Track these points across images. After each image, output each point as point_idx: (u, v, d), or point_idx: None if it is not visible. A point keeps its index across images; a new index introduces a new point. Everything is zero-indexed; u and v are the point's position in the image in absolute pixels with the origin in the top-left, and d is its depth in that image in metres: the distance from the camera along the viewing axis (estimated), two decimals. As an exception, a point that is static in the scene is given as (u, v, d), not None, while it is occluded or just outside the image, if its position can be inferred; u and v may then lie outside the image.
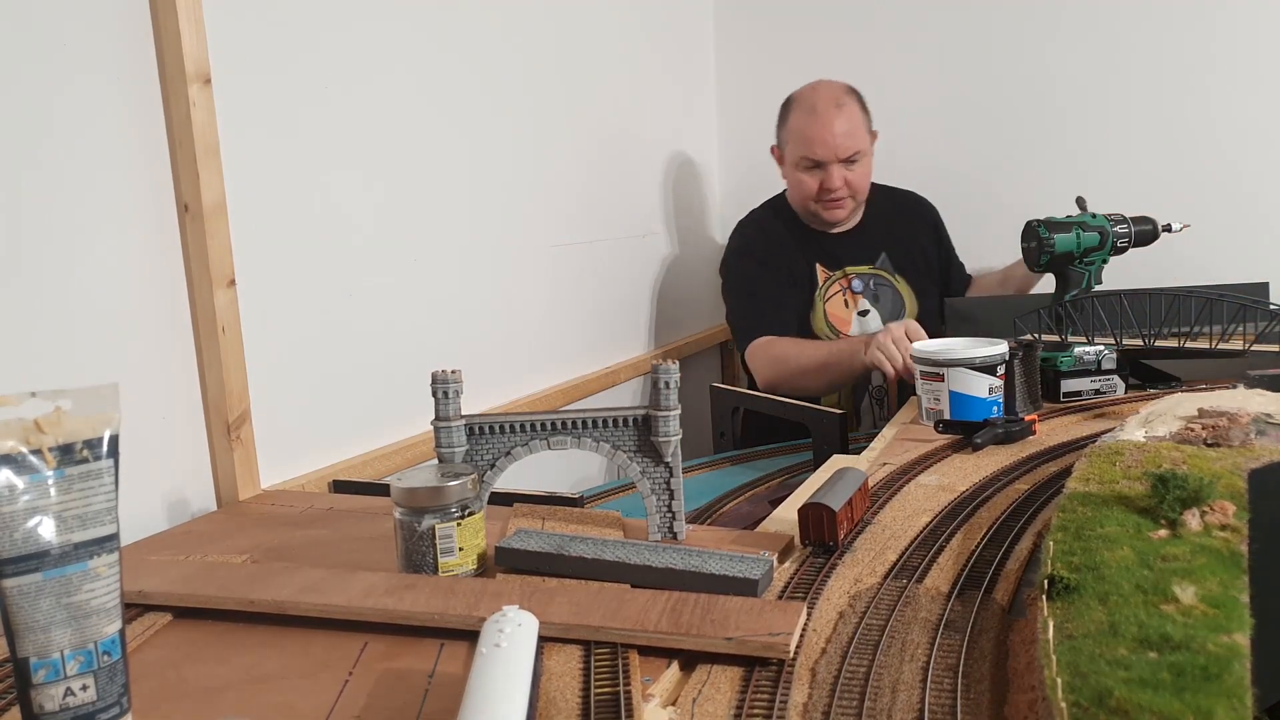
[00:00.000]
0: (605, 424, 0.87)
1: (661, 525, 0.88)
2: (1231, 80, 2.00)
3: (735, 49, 2.40)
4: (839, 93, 1.84)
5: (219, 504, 1.10)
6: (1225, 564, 0.65)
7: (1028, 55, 2.15)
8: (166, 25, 1.01)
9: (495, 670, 0.53)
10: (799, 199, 1.90)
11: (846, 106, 1.82)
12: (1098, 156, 2.11)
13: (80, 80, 0.95)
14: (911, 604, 0.71)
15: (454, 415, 0.86)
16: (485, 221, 1.56)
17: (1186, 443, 0.95)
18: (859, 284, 1.89)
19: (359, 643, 0.69)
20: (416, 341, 1.39)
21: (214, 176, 1.05)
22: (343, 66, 1.25)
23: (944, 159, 2.24)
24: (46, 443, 0.52)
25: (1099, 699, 0.48)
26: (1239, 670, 0.50)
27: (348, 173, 1.27)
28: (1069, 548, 0.69)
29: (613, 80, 1.95)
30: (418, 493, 0.78)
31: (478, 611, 0.69)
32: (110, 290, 0.99)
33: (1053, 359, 1.41)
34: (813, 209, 1.87)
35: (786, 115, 1.88)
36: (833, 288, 1.89)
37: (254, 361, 1.11)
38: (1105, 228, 1.44)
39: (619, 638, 0.66)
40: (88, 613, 0.53)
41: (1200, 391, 1.23)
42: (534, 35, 1.67)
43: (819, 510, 0.82)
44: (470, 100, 1.50)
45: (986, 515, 0.90)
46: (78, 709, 0.52)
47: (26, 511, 0.51)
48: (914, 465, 1.09)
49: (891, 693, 0.58)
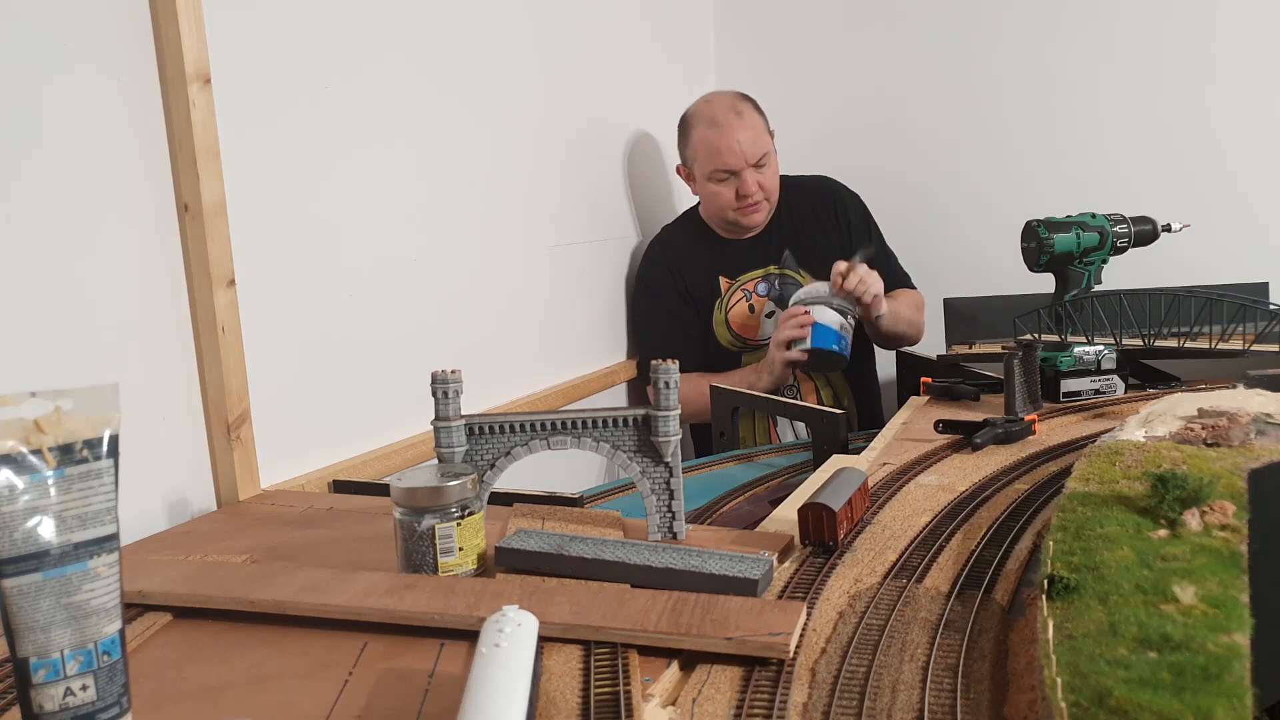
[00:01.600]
0: (605, 424, 0.87)
1: (661, 525, 0.88)
2: (1231, 80, 2.01)
3: (735, 49, 2.40)
4: (734, 100, 1.85)
5: (219, 504, 1.10)
6: (1225, 564, 0.65)
7: (1027, 54, 2.15)
8: (166, 25, 1.01)
9: (495, 670, 0.53)
10: (715, 211, 1.89)
11: (745, 113, 1.84)
12: (1097, 156, 2.11)
13: (80, 80, 0.95)
14: (911, 604, 0.71)
15: (454, 415, 0.86)
16: (485, 221, 1.56)
17: (1186, 443, 0.95)
18: (764, 287, 1.90)
19: (359, 643, 0.69)
20: (416, 341, 1.38)
21: (214, 176, 1.05)
22: (343, 66, 1.25)
23: (943, 159, 2.24)
24: (46, 443, 0.52)
25: (1099, 699, 0.48)
26: (1239, 670, 0.50)
27: (348, 173, 1.27)
28: (1069, 547, 0.69)
29: (613, 80, 1.96)
30: (418, 493, 0.78)
31: (478, 611, 0.69)
32: (110, 290, 0.99)
33: (1052, 359, 1.41)
34: (732, 218, 1.87)
35: (688, 133, 1.87)
36: (734, 296, 1.90)
37: (254, 361, 1.11)
38: (1105, 228, 1.44)
39: (619, 638, 0.66)
40: (87, 613, 0.53)
41: (1200, 391, 1.23)
42: (534, 35, 1.67)
43: (819, 510, 0.82)
44: (470, 100, 1.50)
45: (986, 515, 0.90)
46: (77, 709, 0.52)
47: (26, 511, 0.51)
48: (914, 465, 1.09)
49: (891, 693, 0.58)
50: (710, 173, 1.84)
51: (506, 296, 1.61)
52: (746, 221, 1.88)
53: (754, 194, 1.83)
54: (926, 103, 2.24)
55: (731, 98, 1.86)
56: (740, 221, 1.88)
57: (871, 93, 2.14)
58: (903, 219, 2.30)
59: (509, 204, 1.62)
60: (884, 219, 2.34)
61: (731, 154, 1.81)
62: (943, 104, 2.23)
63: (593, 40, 1.87)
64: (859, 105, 2.31)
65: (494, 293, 1.58)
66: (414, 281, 1.39)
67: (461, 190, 1.49)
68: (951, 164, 2.22)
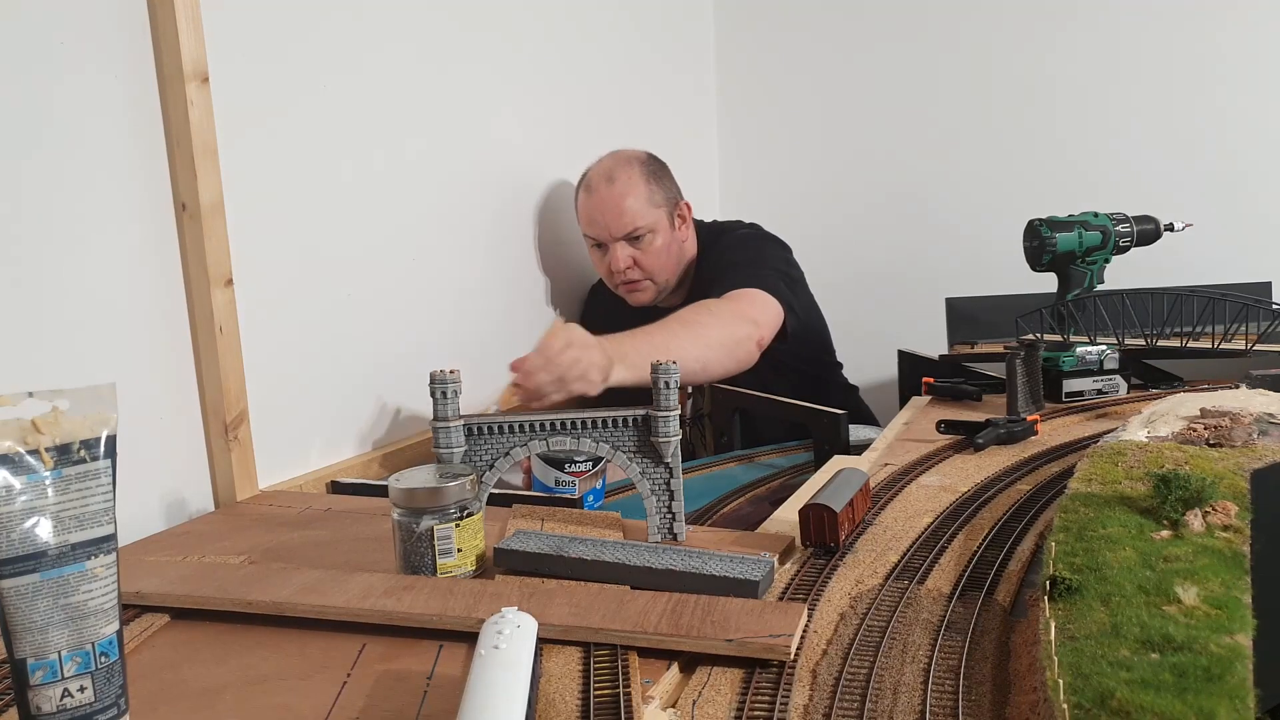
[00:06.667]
0: (605, 424, 0.87)
1: (661, 526, 0.87)
2: (1234, 79, 2.00)
3: (735, 49, 2.40)
4: (617, 165, 1.64)
5: (217, 504, 1.09)
6: (1227, 564, 0.65)
7: (1030, 55, 2.15)
8: (164, 24, 1.00)
9: (494, 672, 0.53)
10: (606, 281, 1.72)
11: (619, 181, 1.61)
12: (1100, 155, 2.10)
13: (78, 79, 0.95)
14: (913, 605, 0.71)
15: (453, 415, 0.86)
16: (485, 221, 1.55)
17: (1189, 443, 0.95)
18: None
19: (357, 644, 0.69)
20: (415, 341, 1.38)
21: (212, 176, 1.05)
22: (341, 65, 1.25)
23: (945, 158, 2.24)
24: (44, 443, 0.52)
25: (1101, 700, 0.48)
26: (1241, 671, 0.50)
27: (346, 172, 1.27)
28: (1071, 548, 0.69)
29: (612, 80, 1.95)
30: (416, 493, 0.78)
31: (477, 613, 0.68)
32: (107, 290, 0.98)
33: (1055, 359, 1.40)
34: (618, 292, 1.70)
35: (576, 193, 1.69)
36: None
37: (252, 361, 1.11)
38: (1107, 227, 1.44)
39: (619, 639, 0.65)
40: (85, 613, 0.52)
41: (1203, 391, 1.23)
42: (534, 35, 1.67)
43: (820, 511, 0.82)
44: (470, 100, 1.50)
45: (988, 516, 0.90)
46: (75, 710, 0.52)
47: (24, 512, 0.51)
48: (915, 466, 1.09)
49: (893, 694, 0.58)
50: (585, 239, 1.69)
51: (506, 296, 1.61)
52: (629, 300, 1.70)
53: (622, 270, 1.64)
54: (928, 102, 2.24)
55: (617, 161, 1.65)
56: (624, 298, 1.70)
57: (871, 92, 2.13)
58: (904, 218, 2.31)
59: (510, 203, 1.62)
60: (885, 218, 2.34)
61: (592, 224, 1.64)
62: (945, 103, 2.23)
63: (591, 41, 1.87)
64: (860, 105, 2.31)
65: (494, 292, 1.57)
66: (413, 280, 1.39)
67: (461, 190, 1.49)
68: (954, 163, 2.22)
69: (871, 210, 2.33)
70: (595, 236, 1.66)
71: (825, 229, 2.32)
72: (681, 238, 1.72)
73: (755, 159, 2.42)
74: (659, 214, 1.66)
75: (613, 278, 1.67)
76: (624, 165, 1.65)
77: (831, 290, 1.93)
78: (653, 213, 1.64)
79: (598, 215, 1.63)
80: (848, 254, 2.33)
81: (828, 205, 2.36)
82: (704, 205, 2.35)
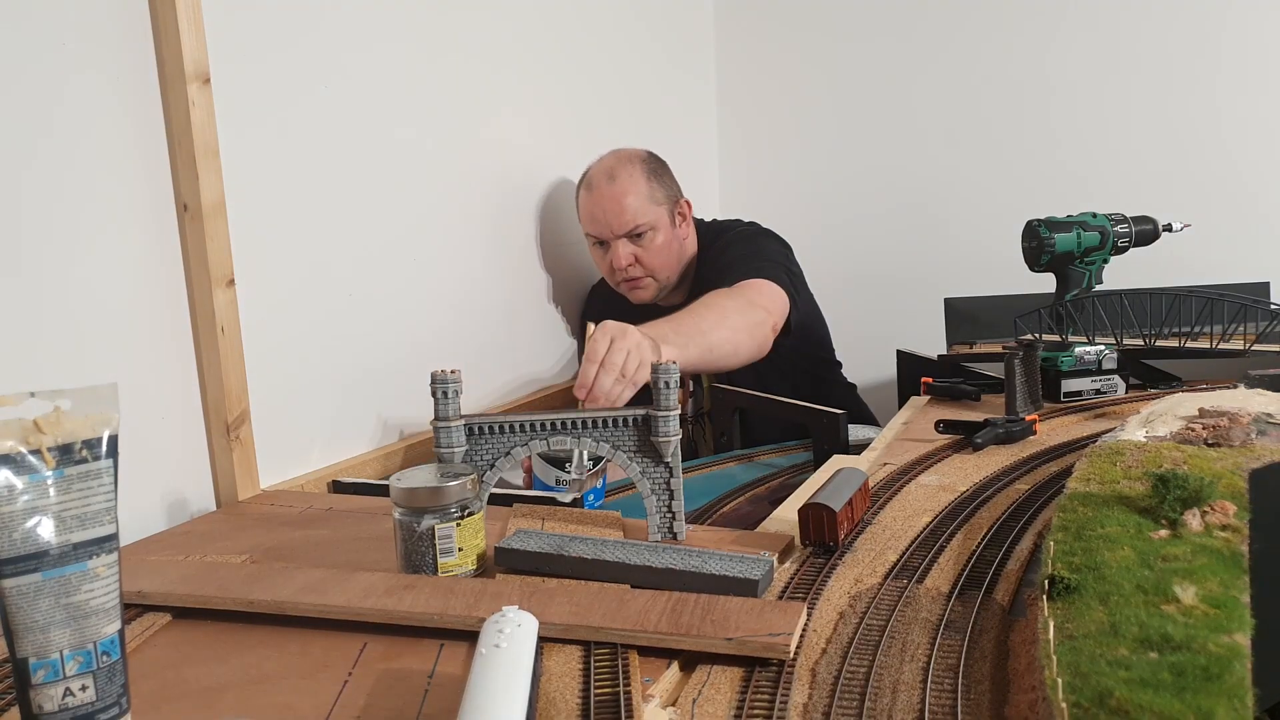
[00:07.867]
0: (605, 424, 0.87)
1: (661, 525, 0.87)
2: (1232, 79, 2.00)
3: (736, 49, 2.40)
4: (618, 163, 1.66)
5: (218, 504, 1.10)
6: (1226, 564, 0.65)
7: (1028, 54, 2.15)
8: (166, 24, 1.01)
9: (495, 671, 0.53)
10: (607, 279, 1.74)
11: (620, 179, 1.63)
12: (1098, 156, 2.11)
13: (79, 80, 0.95)
14: (912, 604, 0.71)
15: (453, 415, 0.86)
16: (486, 221, 1.56)
17: (1187, 442, 0.95)
18: None
19: (358, 643, 0.69)
20: (416, 341, 1.38)
21: (213, 176, 1.05)
22: (342, 65, 1.25)
23: (943, 158, 2.24)
24: (46, 443, 0.52)
25: (1100, 699, 0.48)
26: (1240, 670, 0.50)
27: (347, 172, 1.27)
28: (1069, 548, 0.69)
29: (613, 80, 1.95)
30: (417, 493, 0.78)
31: (477, 612, 0.69)
32: (109, 290, 0.99)
33: (1053, 359, 1.40)
34: (620, 290, 1.72)
35: (578, 192, 1.71)
36: None
37: (253, 361, 1.11)
38: (1106, 227, 1.44)
39: (619, 638, 0.66)
40: (87, 613, 0.53)
41: (1201, 391, 1.23)
42: (535, 35, 1.67)
43: (819, 510, 0.82)
44: (471, 100, 1.50)
45: (987, 515, 0.90)
46: (77, 709, 0.52)
47: (25, 511, 0.51)
48: (914, 465, 1.09)
49: (892, 693, 0.58)
50: (587, 237, 1.71)
51: (506, 296, 1.61)
52: (631, 297, 1.71)
53: (625, 267, 1.65)
54: (928, 102, 2.24)
55: (618, 159, 1.67)
56: (626, 295, 1.71)
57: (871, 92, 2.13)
58: (904, 218, 2.31)
59: (510, 203, 1.62)
60: (885, 218, 2.34)
61: (592, 221, 1.66)
62: (944, 103, 2.23)
63: (591, 41, 1.87)
64: (860, 105, 2.31)
65: (494, 292, 1.58)
66: (414, 280, 1.39)
67: (462, 189, 1.49)
68: (952, 163, 2.22)
69: (871, 210, 2.33)
70: (596, 234, 1.67)
71: (824, 228, 2.32)
72: (682, 235, 1.73)
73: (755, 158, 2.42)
74: (660, 211, 1.67)
75: (614, 275, 1.69)
76: (625, 163, 1.66)
77: (831, 290, 1.93)
78: (654, 210, 1.66)
79: (599, 213, 1.64)
80: (847, 254, 2.34)
81: (827, 205, 2.37)
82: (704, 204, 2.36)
